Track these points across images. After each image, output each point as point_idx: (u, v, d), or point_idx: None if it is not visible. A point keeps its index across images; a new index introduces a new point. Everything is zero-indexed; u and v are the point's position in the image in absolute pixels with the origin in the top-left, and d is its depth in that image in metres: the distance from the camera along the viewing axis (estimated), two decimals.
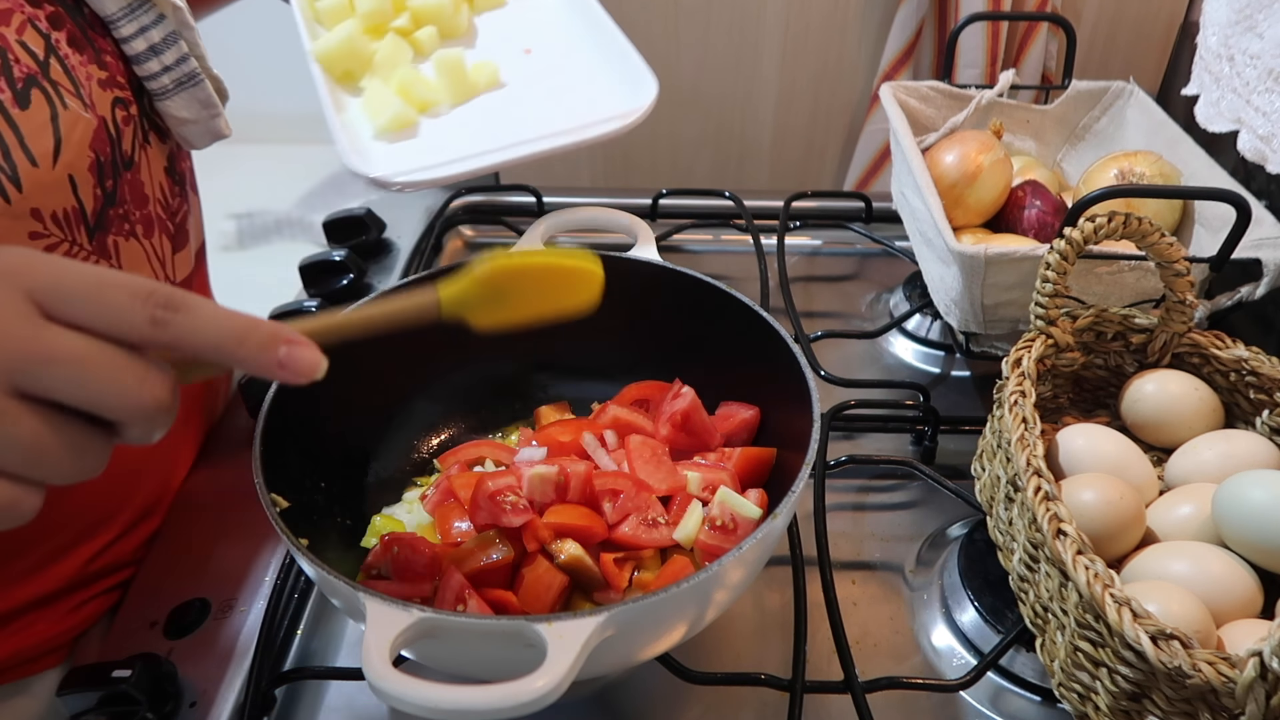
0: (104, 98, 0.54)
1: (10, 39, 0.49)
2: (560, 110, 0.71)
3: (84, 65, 0.53)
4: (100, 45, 0.55)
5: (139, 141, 0.58)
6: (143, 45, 0.56)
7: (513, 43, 0.78)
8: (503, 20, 0.81)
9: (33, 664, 0.59)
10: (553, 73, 0.76)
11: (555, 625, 0.37)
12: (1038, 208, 0.77)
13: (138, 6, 0.56)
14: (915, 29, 1.22)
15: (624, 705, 0.55)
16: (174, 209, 0.62)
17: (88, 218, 0.52)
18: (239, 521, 0.64)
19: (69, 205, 0.50)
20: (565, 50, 0.79)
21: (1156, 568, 0.49)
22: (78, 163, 0.51)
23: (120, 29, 0.56)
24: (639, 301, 0.63)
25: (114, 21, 0.55)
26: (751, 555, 0.44)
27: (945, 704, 0.55)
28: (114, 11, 0.55)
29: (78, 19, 0.54)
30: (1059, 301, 0.58)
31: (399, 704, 0.35)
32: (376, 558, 0.52)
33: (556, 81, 0.75)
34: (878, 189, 1.26)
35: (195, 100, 0.60)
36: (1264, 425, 0.57)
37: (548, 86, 0.75)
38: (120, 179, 0.55)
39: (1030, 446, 0.50)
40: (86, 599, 0.61)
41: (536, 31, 0.79)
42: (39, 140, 0.48)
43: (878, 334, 0.83)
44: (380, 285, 0.87)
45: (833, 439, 0.73)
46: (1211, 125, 0.77)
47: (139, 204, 0.57)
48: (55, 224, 0.50)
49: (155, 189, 0.59)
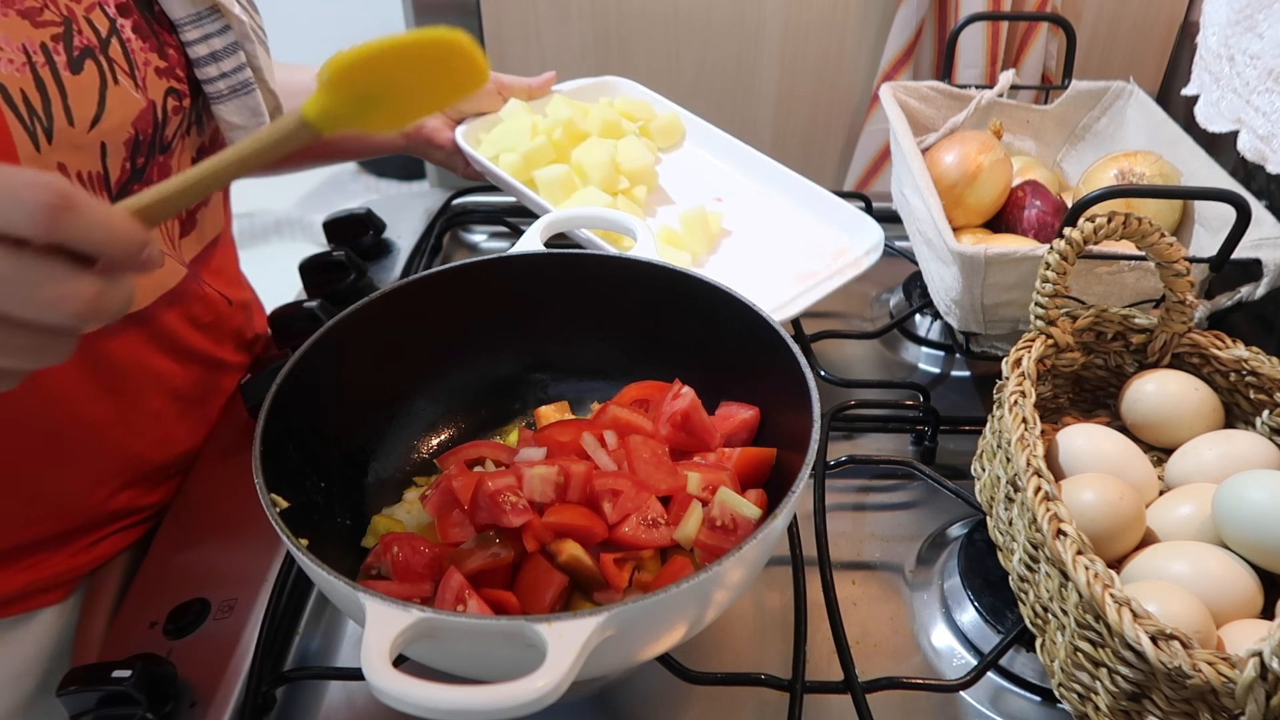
0: (159, 85, 0.57)
1: (78, 13, 0.53)
2: (806, 250, 0.84)
3: (145, 51, 0.56)
4: (165, 39, 0.59)
5: (181, 131, 0.61)
6: (205, 50, 0.60)
7: (701, 192, 0.88)
8: (673, 172, 0.92)
9: (43, 595, 0.62)
10: (766, 216, 0.87)
11: (555, 625, 0.37)
12: (1038, 208, 0.77)
13: (206, 15, 0.59)
14: (915, 29, 1.22)
15: (624, 705, 0.55)
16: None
17: (110, 185, 0.55)
18: (239, 521, 0.64)
19: (94, 169, 0.53)
20: (756, 193, 0.90)
21: (1156, 568, 0.49)
22: (115, 134, 0.54)
23: (186, 33, 0.59)
24: (639, 301, 0.63)
25: (181, 25, 0.59)
26: (751, 555, 0.44)
27: (945, 704, 0.55)
28: (181, 17, 0.59)
29: (146, 13, 0.58)
30: (1059, 301, 0.58)
31: (399, 704, 0.35)
32: (376, 558, 0.52)
33: (775, 223, 0.87)
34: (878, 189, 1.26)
35: (246, 108, 0.64)
36: (1264, 425, 0.57)
37: (770, 228, 0.86)
38: (153, 159, 0.58)
39: (1030, 446, 0.50)
40: (100, 538, 0.63)
41: (707, 179, 0.89)
42: (82, 104, 0.51)
43: (878, 334, 0.83)
44: (380, 285, 0.87)
45: (833, 439, 0.73)
46: (1211, 125, 0.77)
47: None
48: (79, 182, 0.52)
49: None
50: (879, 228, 0.83)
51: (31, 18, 0.50)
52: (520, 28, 1.25)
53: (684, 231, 0.80)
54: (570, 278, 0.64)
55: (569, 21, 1.24)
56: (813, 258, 0.83)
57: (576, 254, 0.66)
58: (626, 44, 1.26)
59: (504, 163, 0.82)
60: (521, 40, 1.26)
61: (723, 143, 0.93)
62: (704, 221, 0.81)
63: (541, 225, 0.76)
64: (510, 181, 0.80)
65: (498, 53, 1.28)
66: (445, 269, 0.61)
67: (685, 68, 1.28)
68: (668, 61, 1.28)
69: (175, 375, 0.67)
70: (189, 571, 0.60)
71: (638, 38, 1.25)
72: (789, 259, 0.83)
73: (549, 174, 0.81)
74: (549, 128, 0.84)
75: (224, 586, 0.59)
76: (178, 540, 0.64)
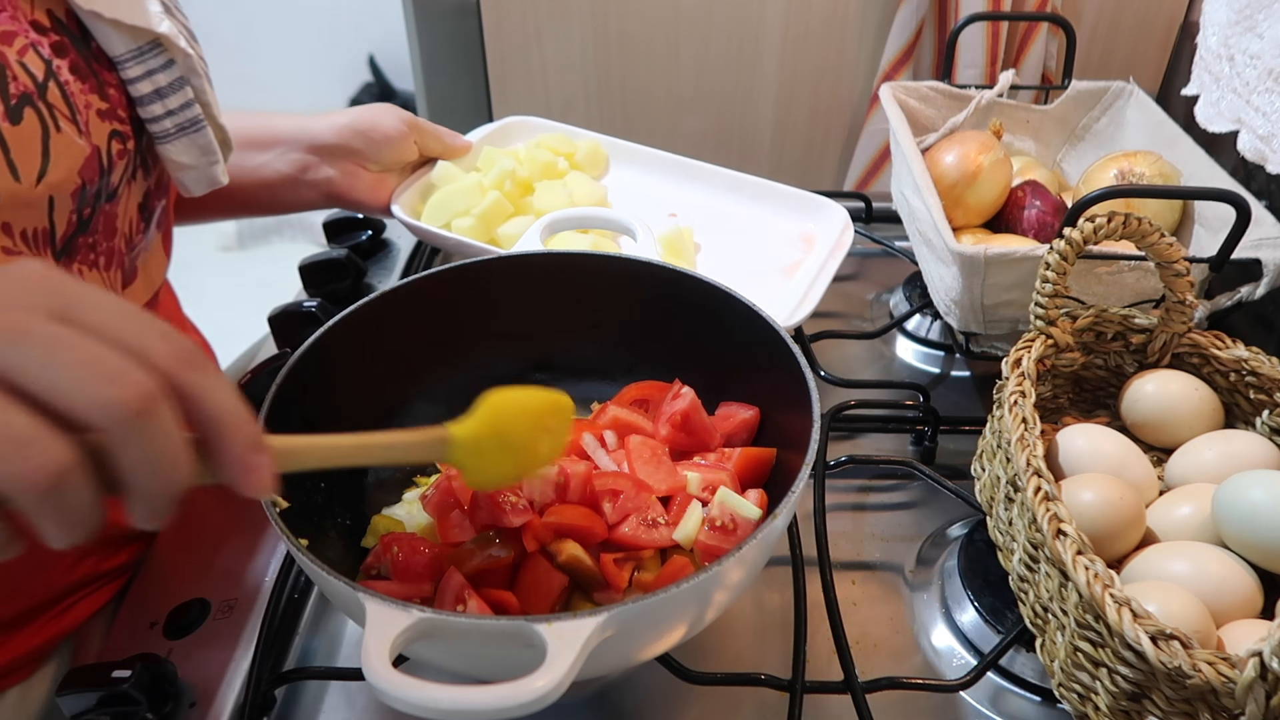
0: (101, 128, 0.54)
1: (10, 58, 0.48)
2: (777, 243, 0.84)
3: (85, 93, 0.53)
4: (105, 78, 0.55)
5: (127, 176, 0.57)
6: (148, 88, 0.56)
7: (653, 211, 0.86)
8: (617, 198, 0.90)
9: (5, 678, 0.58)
10: (723, 220, 0.87)
11: (555, 625, 0.37)
12: (1038, 208, 0.77)
13: (147, 50, 0.56)
14: (915, 29, 1.22)
15: (624, 705, 0.55)
16: (134, 244, 0.61)
17: (55, 241, 0.51)
18: (239, 521, 0.64)
19: (40, 225, 0.50)
20: (705, 200, 0.89)
21: (1156, 568, 0.49)
22: (62, 186, 0.50)
23: (127, 69, 0.55)
24: (639, 301, 0.63)
25: (122, 62, 0.55)
26: (751, 555, 0.44)
27: (945, 704, 0.55)
28: (122, 53, 0.55)
29: (83, 51, 0.54)
30: (1059, 301, 0.58)
31: (399, 704, 0.35)
32: (376, 558, 0.52)
33: (734, 224, 0.87)
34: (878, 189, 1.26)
35: (195, 146, 0.60)
36: (1264, 425, 0.57)
37: (740, 236, 0.86)
38: (99, 209, 0.54)
39: (1030, 447, 0.50)
40: (63, 609, 0.60)
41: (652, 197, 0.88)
42: (26, 158, 0.48)
43: (878, 334, 0.83)
44: (380, 285, 0.87)
45: (833, 439, 0.73)
46: (1211, 125, 0.77)
47: (108, 235, 0.56)
48: (24, 241, 0.49)
49: (125, 223, 0.58)
50: (837, 205, 0.84)
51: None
52: (520, 28, 1.25)
53: (668, 254, 0.79)
54: (570, 278, 0.64)
55: (569, 21, 1.24)
56: (786, 249, 0.84)
57: (577, 254, 0.66)
58: (626, 44, 1.26)
59: (459, 228, 0.78)
60: (521, 40, 1.26)
61: (651, 158, 0.93)
62: (681, 239, 0.80)
63: (542, 225, 0.76)
64: (473, 245, 0.77)
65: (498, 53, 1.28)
66: (445, 269, 0.61)
67: (685, 68, 1.28)
68: (668, 62, 1.28)
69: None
70: (189, 571, 0.60)
71: (638, 38, 1.25)
72: (766, 256, 0.83)
73: (514, 229, 0.78)
74: (496, 182, 0.81)
75: (224, 586, 0.59)
76: (178, 540, 0.64)
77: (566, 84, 1.29)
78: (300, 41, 2.97)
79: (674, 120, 1.33)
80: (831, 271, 0.77)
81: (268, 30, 2.93)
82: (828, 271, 0.77)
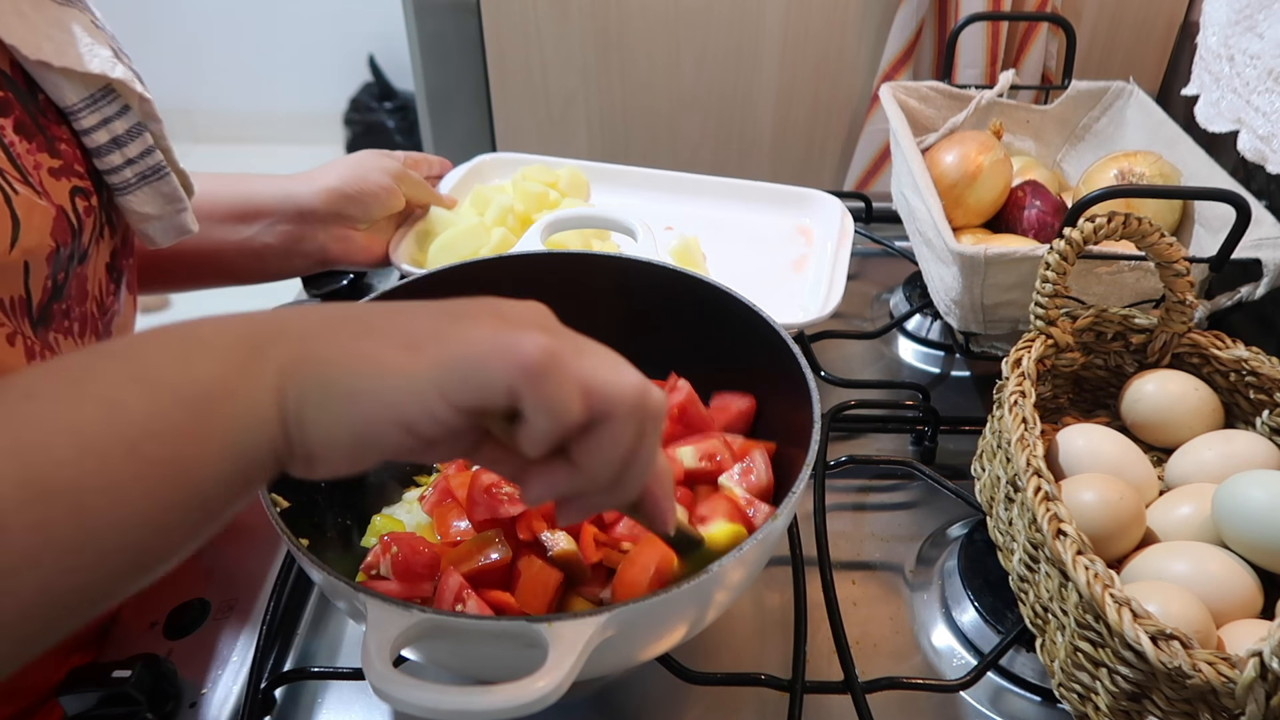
0: (59, 187, 0.50)
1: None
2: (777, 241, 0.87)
3: (33, 153, 0.49)
4: (54, 133, 0.52)
5: (95, 235, 0.54)
6: (105, 137, 0.53)
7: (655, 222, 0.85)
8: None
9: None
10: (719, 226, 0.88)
11: (556, 626, 0.37)
12: (1038, 208, 0.77)
13: (101, 98, 0.52)
14: (915, 29, 1.22)
15: (624, 705, 0.55)
16: (107, 308, 0.57)
17: (32, 309, 0.48)
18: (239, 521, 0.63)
19: (17, 294, 0.47)
20: (696, 209, 0.90)
21: (1156, 568, 0.49)
22: (37, 250, 0.47)
23: (81, 120, 0.52)
24: (639, 301, 0.63)
25: (74, 113, 0.52)
26: (752, 555, 0.44)
27: (945, 704, 0.55)
28: (75, 102, 0.52)
29: (29, 105, 0.50)
30: (1059, 301, 0.58)
31: (399, 705, 0.35)
32: (376, 558, 0.52)
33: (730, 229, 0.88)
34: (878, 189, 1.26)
35: (159, 195, 0.57)
36: (1264, 425, 0.57)
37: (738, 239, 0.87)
38: (71, 272, 0.51)
39: (1030, 447, 0.50)
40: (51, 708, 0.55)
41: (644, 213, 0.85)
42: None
43: (878, 334, 0.83)
44: (380, 285, 0.87)
45: (833, 439, 0.73)
46: (1211, 125, 0.77)
47: (80, 300, 0.53)
48: (3, 311, 0.46)
49: (95, 285, 0.55)
50: (826, 195, 0.88)
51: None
52: (520, 28, 1.25)
53: (680, 263, 0.78)
54: (570, 278, 0.63)
55: (569, 21, 1.24)
56: (787, 245, 0.86)
57: (576, 254, 0.66)
58: (626, 44, 1.26)
59: None
60: (521, 40, 1.26)
61: (631, 176, 0.93)
62: (689, 249, 0.81)
63: (542, 225, 0.76)
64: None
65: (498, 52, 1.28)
66: (445, 269, 0.61)
67: (685, 68, 1.28)
68: (667, 61, 1.28)
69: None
70: (189, 571, 0.60)
71: (638, 37, 1.25)
72: (769, 254, 0.85)
73: None
74: (498, 219, 0.81)
75: (224, 586, 0.59)
76: None
77: (566, 84, 1.29)
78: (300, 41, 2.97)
79: (674, 119, 1.33)
80: (846, 259, 0.79)
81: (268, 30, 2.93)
82: (843, 260, 0.79)
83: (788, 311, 0.79)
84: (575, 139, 1.35)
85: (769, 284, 0.82)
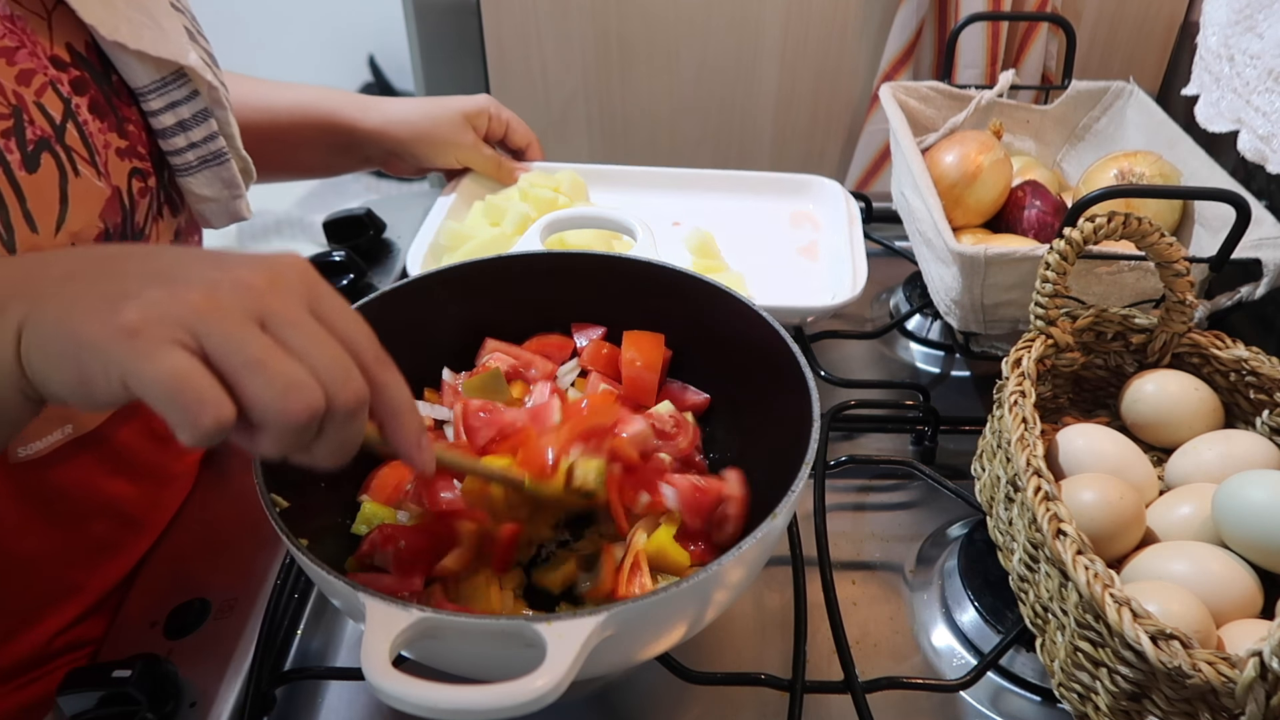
0: (121, 167, 0.52)
1: (28, 100, 0.47)
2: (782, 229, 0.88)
3: (104, 133, 0.51)
4: (124, 114, 0.53)
5: (153, 214, 0.55)
6: (171, 120, 0.55)
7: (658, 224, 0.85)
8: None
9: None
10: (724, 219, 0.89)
11: (555, 625, 0.37)
12: (1038, 208, 0.77)
13: (171, 81, 0.54)
14: (915, 29, 1.22)
15: (624, 705, 0.55)
16: None
17: None
18: (239, 521, 0.64)
19: None
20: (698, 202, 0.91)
21: (1156, 568, 0.49)
22: (85, 232, 0.49)
23: (150, 102, 0.54)
24: (639, 301, 0.63)
25: (144, 94, 0.53)
26: (751, 555, 0.44)
27: (945, 704, 0.55)
28: (145, 84, 0.53)
29: (103, 86, 0.52)
30: (1059, 301, 0.58)
31: (399, 704, 0.35)
32: (372, 547, 0.52)
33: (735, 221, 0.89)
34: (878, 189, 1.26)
35: (218, 179, 0.58)
36: (1264, 425, 0.57)
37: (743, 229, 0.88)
38: None
39: (1030, 446, 0.50)
40: (37, 676, 0.58)
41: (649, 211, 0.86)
42: (43, 206, 0.46)
43: (878, 334, 0.83)
44: (380, 285, 0.87)
45: (833, 439, 0.73)
46: (1211, 125, 0.77)
47: None
48: None
49: None
50: (823, 179, 0.90)
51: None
52: (520, 28, 1.25)
53: (699, 258, 0.81)
54: (570, 278, 0.64)
55: (569, 21, 1.24)
56: (793, 231, 0.87)
57: (577, 254, 0.66)
58: (626, 44, 1.26)
59: None
60: (521, 40, 1.26)
61: (632, 175, 0.94)
62: (706, 242, 0.82)
63: (542, 225, 0.76)
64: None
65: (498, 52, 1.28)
66: (445, 269, 0.61)
67: (685, 68, 1.28)
68: (668, 61, 1.28)
69: (124, 497, 0.61)
70: (189, 571, 0.60)
71: (638, 38, 1.25)
72: (777, 242, 0.86)
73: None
74: (518, 227, 0.81)
75: (224, 586, 0.59)
76: (178, 540, 0.64)
77: (566, 84, 1.29)
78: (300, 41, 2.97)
79: (674, 119, 1.33)
80: (861, 240, 0.81)
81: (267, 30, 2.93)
82: (858, 241, 0.81)
83: (815, 296, 0.80)
84: (575, 140, 1.35)
85: (784, 272, 0.83)
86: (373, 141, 0.82)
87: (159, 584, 0.60)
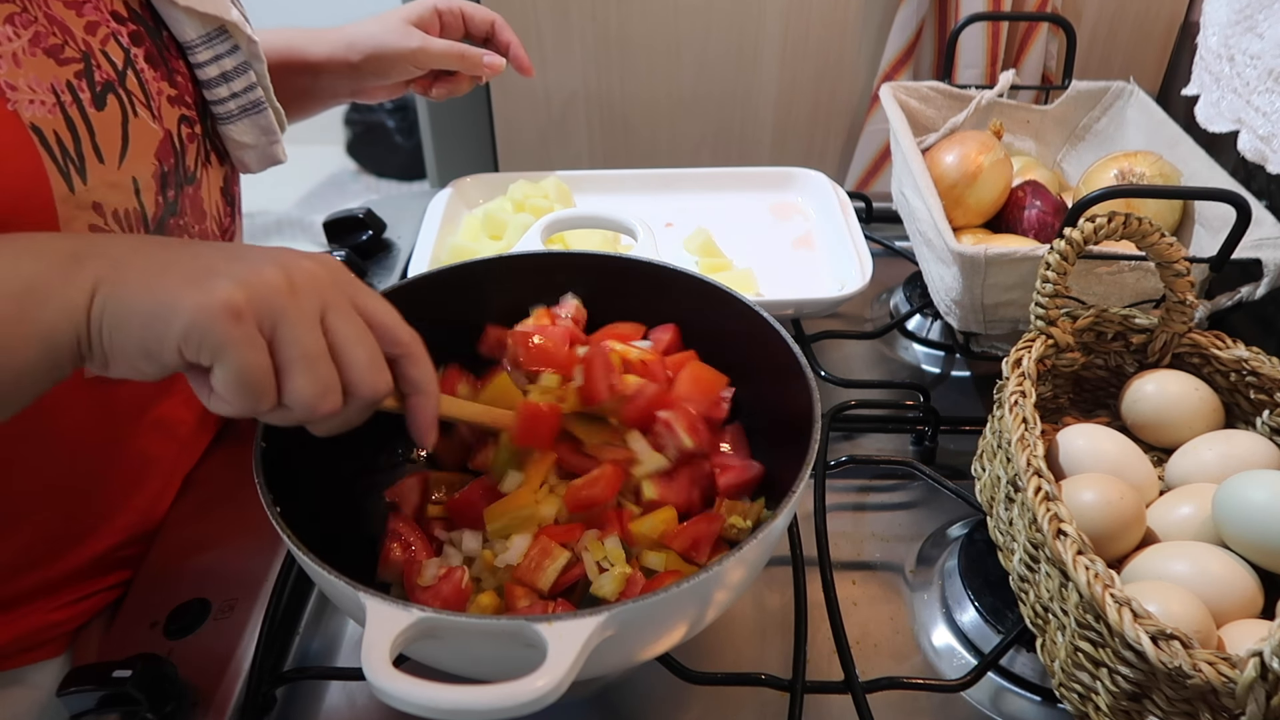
0: (171, 113, 0.57)
1: (95, 47, 0.52)
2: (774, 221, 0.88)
3: (156, 81, 0.56)
4: (174, 66, 0.58)
5: (201, 159, 0.60)
6: (215, 71, 0.60)
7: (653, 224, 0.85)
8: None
9: (31, 652, 0.59)
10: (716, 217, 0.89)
11: (555, 625, 0.37)
12: (1038, 208, 0.77)
13: (215, 36, 0.59)
14: (915, 29, 1.22)
15: (624, 705, 0.55)
16: (225, 228, 0.64)
17: (148, 222, 0.54)
18: (239, 521, 0.64)
19: (130, 206, 0.53)
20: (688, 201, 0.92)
21: (1156, 568, 0.49)
22: (142, 168, 0.53)
23: (196, 54, 0.59)
24: (639, 301, 0.63)
25: (192, 47, 0.59)
26: (752, 555, 0.44)
27: (945, 704, 0.55)
28: (193, 38, 0.58)
29: (156, 40, 0.57)
30: (1059, 302, 0.58)
31: (399, 704, 0.35)
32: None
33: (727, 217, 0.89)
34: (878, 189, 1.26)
35: (257, 126, 0.63)
36: (1264, 425, 0.57)
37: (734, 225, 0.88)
38: (182, 192, 0.58)
39: (1030, 447, 0.50)
40: (89, 592, 0.61)
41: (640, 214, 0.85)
42: (109, 140, 0.51)
43: (878, 334, 0.83)
44: (380, 285, 0.87)
45: (833, 439, 0.73)
46: (1211, 125, 0.77)
47: (198, 219, 0.60)
48: (115, 221, 0.52)
49: (212, 207, 0.62)
50: (806, 170, 0.91)
51: (55, 56, 0.49)
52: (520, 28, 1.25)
53: (703, 256, 0.81)
54: (571, 278, 0.64)
55: (569, 21, 1.24)
56: (783, 224, 0.88)
57: (577, 254, 0.66)
58: (626, 44, 1.26)
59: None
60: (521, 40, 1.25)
61: (615, 179, 0.94)
62: (707, 239, 0.82)
63: (542, 225, 0.77)
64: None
65: None
66: (445, 269, 0.61)
67: (685, 67, 1.28)
68: (667, 61, 1.28)
69: (180, 421, 0.66)
70: (189, 571, 0.60)
71: (638, 37, 1.25)
72: (770, 236, 0.87)
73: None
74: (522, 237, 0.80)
75: (224, 586, 0.59)
76: (178, 541, 0.64)
77: (566, 84, 1.29)
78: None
79: (674, 119, 1.33)
80: (858, 226, 0.82)
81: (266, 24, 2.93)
82: (855, 228, 0.82)
83: (822, 287, 0.80)
84: (575, 139, 1.35)
85: (782, 264, 0.83)
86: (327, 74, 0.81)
87: (159, 584, 0.60)
